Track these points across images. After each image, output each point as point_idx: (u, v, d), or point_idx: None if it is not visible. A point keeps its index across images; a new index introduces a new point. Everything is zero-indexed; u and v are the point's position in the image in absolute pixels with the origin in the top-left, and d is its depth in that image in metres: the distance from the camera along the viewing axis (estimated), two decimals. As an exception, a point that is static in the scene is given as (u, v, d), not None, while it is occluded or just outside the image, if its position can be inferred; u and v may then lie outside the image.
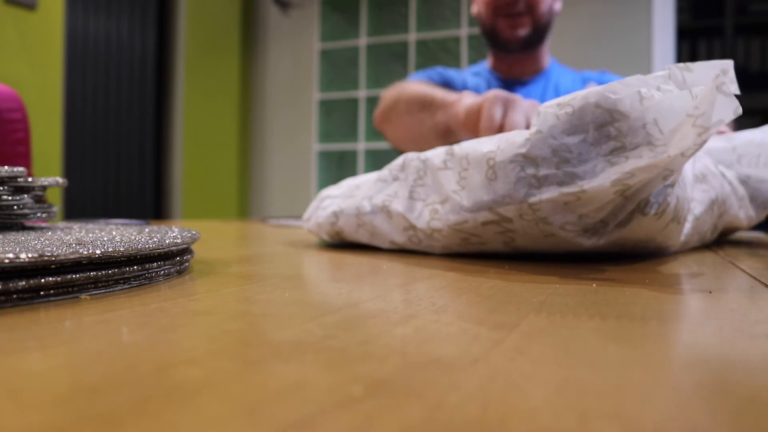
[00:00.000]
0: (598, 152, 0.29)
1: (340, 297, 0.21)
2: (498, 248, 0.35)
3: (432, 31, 2.72)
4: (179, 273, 0.27)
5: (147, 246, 0.23)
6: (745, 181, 0.49)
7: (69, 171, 2.80)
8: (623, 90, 0.29)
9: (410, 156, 0.40)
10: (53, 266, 0.20)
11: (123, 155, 2.93)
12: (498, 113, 0.55)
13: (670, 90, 0.28)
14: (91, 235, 0.29)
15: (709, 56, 3.25)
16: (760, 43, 3.19)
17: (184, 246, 0.27)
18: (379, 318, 0.17)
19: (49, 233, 0.29)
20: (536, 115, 0.31)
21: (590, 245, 0.32)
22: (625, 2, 2.50)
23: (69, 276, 0.20)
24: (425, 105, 0.84)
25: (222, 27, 3.03)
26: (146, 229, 0.33)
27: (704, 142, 0.26)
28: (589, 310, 0.18)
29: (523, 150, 0.31)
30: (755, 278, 0.27)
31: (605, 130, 0.29)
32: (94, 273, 0.21)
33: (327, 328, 0.16)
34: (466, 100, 0.63)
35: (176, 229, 0.32)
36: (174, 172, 3.05)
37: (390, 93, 0.97)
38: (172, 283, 0.24)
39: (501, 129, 0.56)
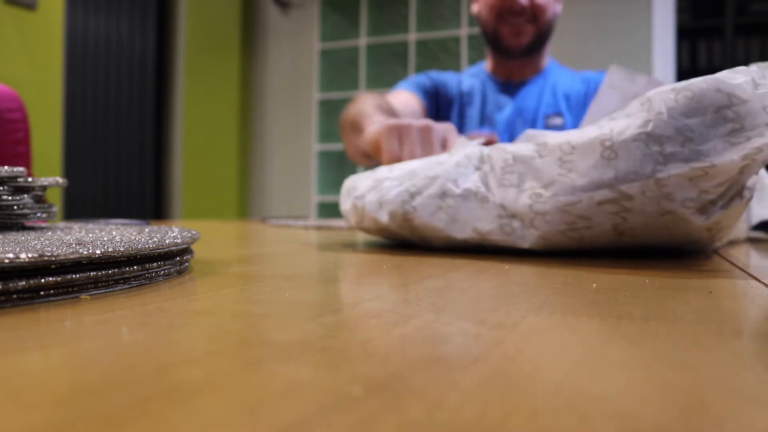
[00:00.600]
0: (716, 133, 0.31)
1: (340, 297, 0.21)
2: (604, 234, 0.35)
3: (432, 31, 2.72)
4: (179, 273, 0.27)
5: (147, 246, 0.23)
6: None
7: (69, 171, 2.80)
8: (740, 77, 0.32)
9: (491, 149, 0.40)
10: (53, 266, 0.20)
11: (123, 155, 2.93)
12: (394, 146, 0.54)
13: None
14: (91, 235, 0.29)
15: (709, 56, 3.25)
16: (760, 43, 3.19)
17: (184, 246, 0.27)
18: (379, 318, 0.17)
19: (49, 233, 0.29)
20: (647, 102, 0.34)
21: (700, 224, 0.34)
22: (625, 2, 2.50)
23: (69, 276, 0.20)
24: (355, 127, 0.84)
25: (222, 27, 3.03)
26: (146, 229, 0.33)
27: None
28: (589, 310, 0.18)
29: (646, 129, 0.32)
30: (755, 278, 0.27)
31: (723, 113, 0.31)
32: (94, 273, 0.21)
33: (327, 328, 0.16)
34: (371, 129, 0.60)
35: (176, 230, 0.32)
36: (174, 171, 3.05)
37: (346, 109, 0.95)
38: (172, 283, 0.24)
39: (401, 159, 0.54)
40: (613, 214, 0.34)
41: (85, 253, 0.20)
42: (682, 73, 3.14)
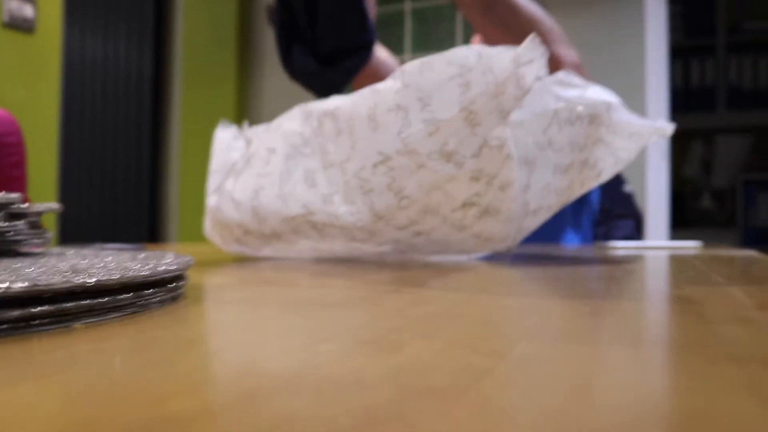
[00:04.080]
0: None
1: (334, 324, 0.21)
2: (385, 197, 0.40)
3: (427, 52, 2.74)
4: (173, 300, 0.27)
5: (141, 274, 0.23)
6: None
7: (65, 193, 2.80)
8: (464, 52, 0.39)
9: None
10: (47, 295, 0.20)
11: (119, 178, 2.93)
12: None
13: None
14: (85, 261, 0.29)
15: (702, 74, 3.28)
16: (752, 62, 3.22)
17: (178, 273, 0.27)
18: (373, 345, 0.17)
19: (44, 260, 0.29)
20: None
21: (450, 172, 0.40)
22: (618, 20, 2.53)
23: (63, 305, 0.20)
24: None
25: (218, 51, 3.05)
26: (141, 255, 0.33)
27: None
28: (582, 335, 0.18)
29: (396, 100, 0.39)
30: (756, 306, 0.27)
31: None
32: (88, 302, 0.21)
33: (321, 356, 0.16)
34: None
35: (170, 255, 0.32)
36: (170, 194, 3.05)
37: None
38: (166, 311, 0.24)
39: None
40: (384, 175, 0.40)
41: (79, 281, 0.21)
42: (676, 91, 3.17)
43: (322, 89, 0.85)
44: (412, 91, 0.36)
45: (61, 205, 0.36)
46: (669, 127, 0.48)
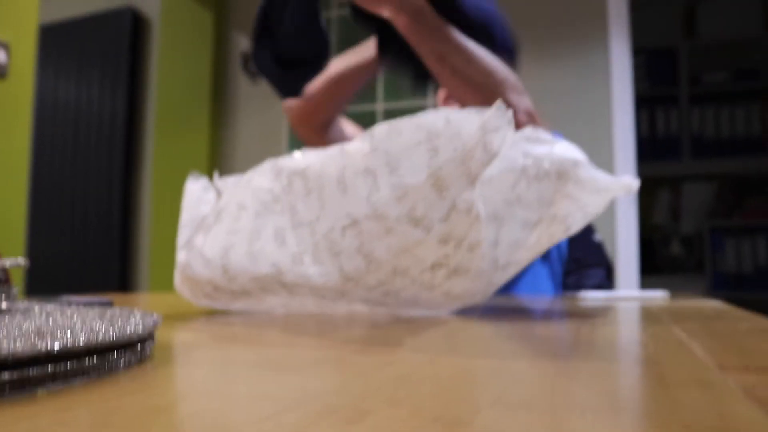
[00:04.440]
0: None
1: (302, 390, 0.21)
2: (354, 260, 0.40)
3: (399, 101, 2.79)
4: (140, 361, 0.27)
5: (108, 337, 0.23)
6: None
7: (34, 239, 2.76)
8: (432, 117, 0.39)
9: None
10: (9, 361, 0.20)
11: (90, 225, 2.90)
12: None
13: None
14: (50, 321, 0.29)
15: (667, 122, 3.38)
16: (713, 112, 3.33)
17: (146, 334, 0.27)
18: (337, 415, 0.17)
19: (7, 318, 0.29)
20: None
21: (419, 237, 0.40)
22: (584, 70, 2.60)
23: (27, 371, 0.20)
24: None
25: (192, 96, 3.06)
26: (108, 313, 0.33)
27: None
28: (544, 403, 0.19)
29: (365, 164, 0.41)
30: (717, 365, 0.27)
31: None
32: (52, 367, 0.21)
33: (285, 427, 0.16)
34: None
35: (138, 314, 0.32)
36: (141, 243, 3.01)
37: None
38: (133, 374, 0.24)
39: None
40: (353, 238, 0.41)
41: (44, 348, 0.20)
42: (643, 140, 3.25)
43: (282, 91, 0.94)
44: (380, 155, 0.36)
45: (27, 260, 0.36)
46: (635, 183, 0.49)
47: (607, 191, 0.48)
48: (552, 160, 0.44)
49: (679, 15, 3.51)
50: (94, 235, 2.89)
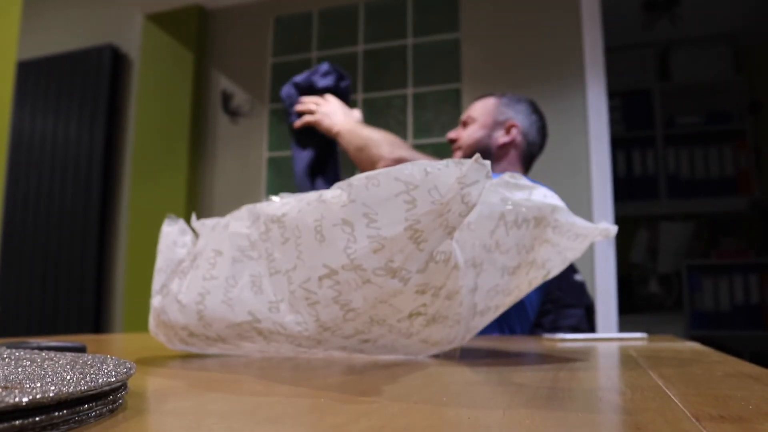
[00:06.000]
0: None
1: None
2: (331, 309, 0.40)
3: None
4: (111, 411, 0.26)
5: (79, 389, 0.23)
6: None
7: (7, 278, 2.71)
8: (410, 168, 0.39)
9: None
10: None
11: (64, 265, 2.85)
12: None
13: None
14: (20, 369, 0.28)
15: (643, 163, 3.43)
16: (688, 152, 3.39)
17: (118, 383, 0.26)
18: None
19: (-23, 368, 0.28)
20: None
21: (396, 287, 0.40)
22: (562, 113, 2.65)
23: (-7, 425, 0.20)
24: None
25: (171, 134, 3.06)
26: (80, 361, 0.32)
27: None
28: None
29: (343, 215, 0.39)
30: (693, 415, 0.28)
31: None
32: (20, 422, 0.20)
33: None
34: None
35: (111, 363, 0.31)
36: (116, 283, 2.97)
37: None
38: (104, 426, 0.24)
39: None
40: (330, 288, 0.41)
41: (11, 401, 0.20)
42: (620, 180, 3.30)
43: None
44: (358, 206, 0.36)
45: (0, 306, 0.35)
46: (613, 229, 0.50)
47: (586, 236, 0.48)
48: (530, 206, 0.45)
49: (653, 58, 3.60)
50: (69, 275, 2.84)
